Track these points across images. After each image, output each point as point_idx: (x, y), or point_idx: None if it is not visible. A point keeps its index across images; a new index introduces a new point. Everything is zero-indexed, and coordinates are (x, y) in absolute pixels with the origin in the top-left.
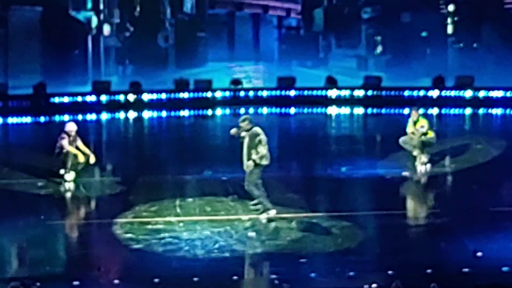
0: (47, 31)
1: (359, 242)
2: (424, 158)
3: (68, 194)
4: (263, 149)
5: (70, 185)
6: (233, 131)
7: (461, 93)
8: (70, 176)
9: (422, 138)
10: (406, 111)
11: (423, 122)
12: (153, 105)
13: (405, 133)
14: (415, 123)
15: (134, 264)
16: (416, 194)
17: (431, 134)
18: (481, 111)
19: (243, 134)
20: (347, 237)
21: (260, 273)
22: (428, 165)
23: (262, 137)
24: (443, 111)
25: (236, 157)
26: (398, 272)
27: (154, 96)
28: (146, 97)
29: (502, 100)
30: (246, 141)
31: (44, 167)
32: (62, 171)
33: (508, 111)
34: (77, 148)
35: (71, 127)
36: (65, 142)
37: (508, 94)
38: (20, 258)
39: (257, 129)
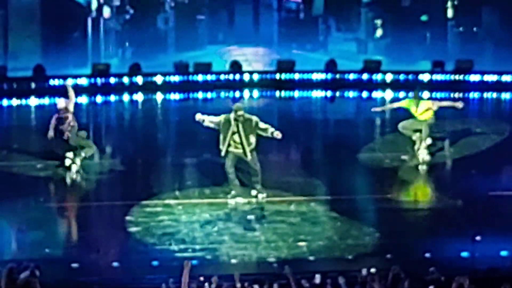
0: (46, 13)
1: (358, 225)
2: (428, 140)
3: (68, 177)
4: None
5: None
6: (199, 116)
7: (461, 77)
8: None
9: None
10: (401, 94)
11: (429, 104)
12: (152, 87)
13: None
14: (417, 105)
15: (133, 246)
16: (414, 178)
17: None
18: (480, 95)
19: (206, 123)
20: (345, 220)
21: (259, 256)
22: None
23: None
24: (443, 95)
25: None
26: (396, 255)
27: (153, 78)
28: (145, 79)
29: (503, 84)
30: (241, 128)
31: (43, 149)
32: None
33: (508, 95)
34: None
35: (61, 104)
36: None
37: (509, 78)
38: (19, 240)
39: (249, 116)
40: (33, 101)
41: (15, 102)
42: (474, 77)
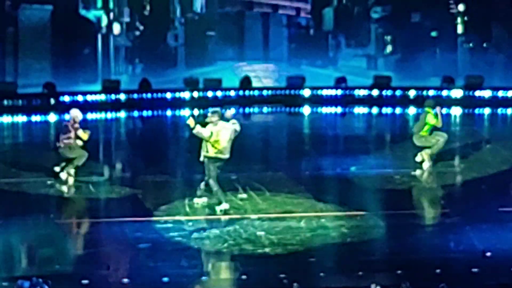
0: (56, 30)
1: (368, 241)
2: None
3: (77, 193)
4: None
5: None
6: (190, 121)
7: (470, 93)
8: (64, 175)
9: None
10: (413, 110)
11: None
12: (162, 103)
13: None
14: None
15: (143, 262)
16: (425, 193)
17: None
18: (490, 110)
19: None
20: (356, 236)
21: (269, 272)
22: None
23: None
24: (453, 111)
25: (244, 155)
26: (407, 272)
27: (163, 95)
28: (155, 95)
29: (510, 99)
30: (230, 133)
31: (53, 166)
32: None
33: None
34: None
35: (76, 113)
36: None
37: None
38: (29, 257)
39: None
40: (43, 118)
41: (24, 118)
42: (484, 93)
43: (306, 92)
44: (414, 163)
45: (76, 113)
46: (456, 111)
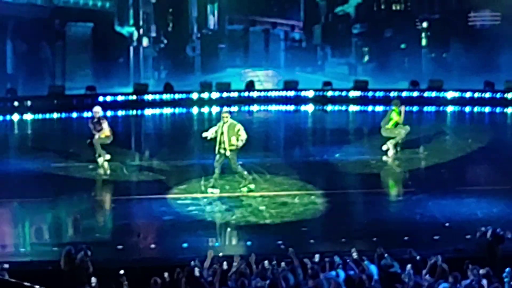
0: (97, 43)
1: (349, 214)
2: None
3: (113, 176)
4: (244, 135)
5: (104, 168)
6: (204, 134)
7: (432, 93)
8: (101, 159)
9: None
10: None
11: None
12: (182, 103)
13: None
14: (399, 114)
15: (167, 232)
16: (395, 175)
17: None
18: (449, 109)
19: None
20: (340, 211)
21: (269, 239)
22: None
23: (241, 126)
24: (418, 108)
25: (249, 145)
26: (381, 239)
27: (183, 95)
28: (177, 96)
29: (466, 99)
30: (226, 130)
31: (93, 154)
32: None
33: (472, 108)
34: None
35: (97, 109)
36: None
37: (471, 94)
38: (74, 227)
39: (235, 122)
40: (85, 114)
41: (71, 115)
42: (444, 94)
43: (310, 93)
44: (387, 150)
45: (97, 109)
46: (421, 109)
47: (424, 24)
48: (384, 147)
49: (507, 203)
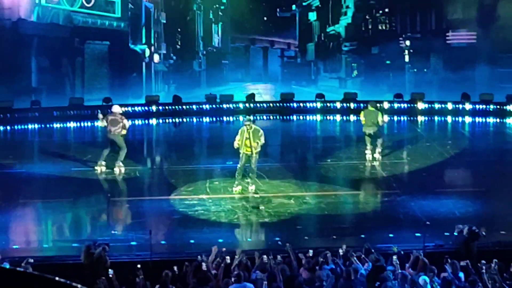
0: (112, 59)
1: (340, 214)
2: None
3: (126, 178)
4: (263, 140)
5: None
6: (235, 145)
7: (415, 105)
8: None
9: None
10: None
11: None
12: (190, 113)
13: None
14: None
15: (176, 229)
16: (381, 178)
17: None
18: (429, 118)
19: (237, 145)
20: (331, 210)
21: (268, 236)
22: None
23: (263, 132)
24: (402, 118)
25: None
26: (368, 236)
27: (191, 107)
28: (185, 107)
29: (446, 110)
30: (251, 135)
31: (109, 158)
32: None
33: (451, 118)
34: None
35: (116, 109)
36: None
37: (450, 105)
38: (92, 225)
39: (258, 127)
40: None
41: (88, 124)
42: (425, 105)
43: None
44: (373, 156)
45: (117, 109)
46: (403, 118)
47: (407, 42)
48: (368, 154)
49: (482, 204)
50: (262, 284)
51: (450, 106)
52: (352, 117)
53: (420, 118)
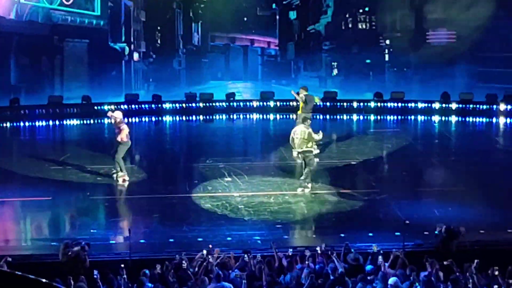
0: (92, 57)
1: (320, 213)
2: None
3: (105, 177)
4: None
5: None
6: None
7: (394, 104)
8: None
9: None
10: (354, 117)
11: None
12: (169, 112)
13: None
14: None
15: (155, 228)
16: (361, 177)
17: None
18: (409, 117)
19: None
20: (311, 209)
21: (247, 234)
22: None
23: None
24: (382, 117)
25: (229, 150)
26: (348, 235)
27: (170, 105)
28: (165, 106)
29: (424, 109)
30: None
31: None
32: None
33: (429, 117)
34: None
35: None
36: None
37: (429, 104)
38: (72, 224)
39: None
40: (81, 121)
41: (68, 122)
42: (405, 104)
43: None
44: (354, 155)
45: (118, 115)
46: (384, 117)
47: (387, 42)
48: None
49: (461, 203)
50: (241, 284)
51: (428, 105)
52: (333, 116)
53: (401, 117)
